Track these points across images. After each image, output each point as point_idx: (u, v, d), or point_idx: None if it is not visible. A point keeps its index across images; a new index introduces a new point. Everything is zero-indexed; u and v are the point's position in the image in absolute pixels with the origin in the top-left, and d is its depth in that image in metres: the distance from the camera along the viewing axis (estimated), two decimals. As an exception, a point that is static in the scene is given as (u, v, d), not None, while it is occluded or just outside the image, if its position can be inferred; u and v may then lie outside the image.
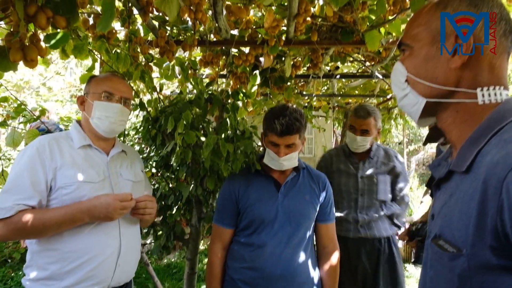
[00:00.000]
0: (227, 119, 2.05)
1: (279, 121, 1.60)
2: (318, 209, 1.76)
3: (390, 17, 2.23)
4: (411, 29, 0.83)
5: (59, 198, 1.41)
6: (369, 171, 2.38)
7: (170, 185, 2.33)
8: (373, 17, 2.38)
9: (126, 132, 2.87)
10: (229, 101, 2.16)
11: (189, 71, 2.44)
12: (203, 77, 3.67)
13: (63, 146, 1.49)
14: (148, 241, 5.31)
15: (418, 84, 0.80)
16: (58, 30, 1.40)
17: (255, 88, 2.33)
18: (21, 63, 1.34)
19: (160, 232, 2.23)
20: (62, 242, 1.40)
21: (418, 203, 7.01)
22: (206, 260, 4.99)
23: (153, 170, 2.58)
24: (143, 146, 3.13)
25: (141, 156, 2.37)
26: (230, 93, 2.18)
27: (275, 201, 1.70)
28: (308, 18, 2.17)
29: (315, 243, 1.86)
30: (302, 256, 1.67)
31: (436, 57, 0.76)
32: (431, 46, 0.77)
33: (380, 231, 2.34)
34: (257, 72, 2.54)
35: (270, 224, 1.67)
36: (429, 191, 2.15)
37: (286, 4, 2.15)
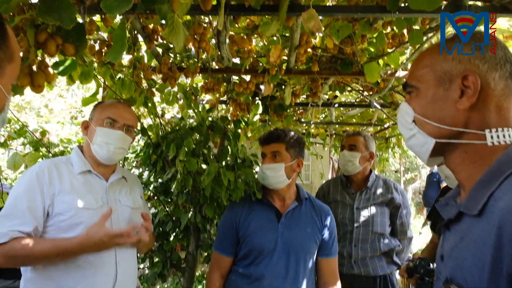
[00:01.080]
0: (228, 147, 2.06)
1: (265, 132, 1.79)
2: (319, 242, 1.72)
3: (389, 50, 2.29)
4: (416, 71, 0.83)
5: (56, 224, 1.39)
6: (365, 202, 2.31)
7: (167, 210, 2.32)
8: (372, 50, 2.44)
9: (126, 155, 2.87)
10: (229, 127, 2.18)
11: (192, 98, 2.47)
12: (203, 102, 3.71)
13: (62, 171, 1.48)
14: (141, 266, 5.20)
15: (426, 124, 0.80)
16: (66, 57, 1.43)
17: (257, 117, 2.35)
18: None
19: (157, 260, 2.20)
20: (57, 270, 1.37)
21: (416, 233, 6.94)
22: (200, 287, 4.88)
23: (149, 194, 2.56)
24: (140, 170, 3.12)
25: (141, 182, 2.37)
26: (230, 120, 2.20)
27: (275, 231, 1.66)
28: (309, 49, 2.23)
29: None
30: None
31: (444, 98, 0.77)
32: (438, 87, 0.78)
33: (376, 270, 2.22)
34: (259, 101, 2.57)
35: (269, 255, 1.63)
36: (428, 222, 2.13)
37: (288, 35, 2.21)
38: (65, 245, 1.34)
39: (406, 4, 1.64)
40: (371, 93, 3.29)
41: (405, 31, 2.11)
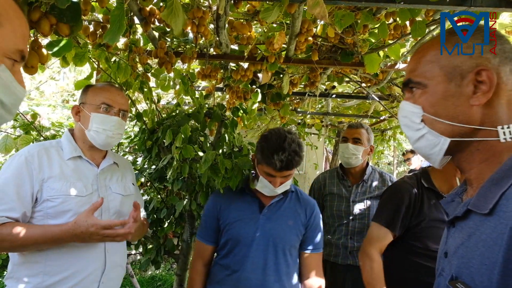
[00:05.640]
0: (225, 135, 2.02)
1: (278, 157, 1.50)
2: (301, 236, 1.68)
3: (390, 41, 2.25)
4: (420, 66, 0.78)
5: (44, 210, 1.37)
6: (361, 195, 2.33)
7: (161, 196, 2.29)
8: (373, 40, 2.40)
9: (120, 141, 2.83)
10: (226, 115, 2.14)
11: (189, 84, 2.43)
12: (199, 89, 3.66)
13: (53, 156, 1.44)
14: (133, 252, 5.20)
15: (437, 123, 0.75)
16: (60, 37, 1.38)
17: (256, 105, 2.31)
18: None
19: (150, 246, 2.18)
20: (45, 255, 1.35)
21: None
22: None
23: (142, 180, 2.52)
24: (134, 156, 3.08)
25: (134, 168, 2.33)
26: (226, 108, 2.17)
27: (256, 222, 1.63)
28: (310, 38, 2.19)
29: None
30: (279, 285, 1.58)
31: (456, 95, 0.73)
32: (448, 83, 0.74)
33: None
34: (258, 89, 2.53)
35: (246, 246, 1.60)
36: None
37: (288, 22, 2.17)
38: (54, 231, 1.31)
39: (411, -6, 1.61)
40: (369, 84, 3.27)
41: (407, 22, 2.08)
